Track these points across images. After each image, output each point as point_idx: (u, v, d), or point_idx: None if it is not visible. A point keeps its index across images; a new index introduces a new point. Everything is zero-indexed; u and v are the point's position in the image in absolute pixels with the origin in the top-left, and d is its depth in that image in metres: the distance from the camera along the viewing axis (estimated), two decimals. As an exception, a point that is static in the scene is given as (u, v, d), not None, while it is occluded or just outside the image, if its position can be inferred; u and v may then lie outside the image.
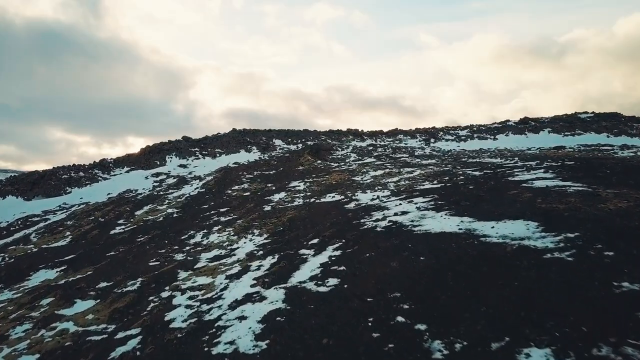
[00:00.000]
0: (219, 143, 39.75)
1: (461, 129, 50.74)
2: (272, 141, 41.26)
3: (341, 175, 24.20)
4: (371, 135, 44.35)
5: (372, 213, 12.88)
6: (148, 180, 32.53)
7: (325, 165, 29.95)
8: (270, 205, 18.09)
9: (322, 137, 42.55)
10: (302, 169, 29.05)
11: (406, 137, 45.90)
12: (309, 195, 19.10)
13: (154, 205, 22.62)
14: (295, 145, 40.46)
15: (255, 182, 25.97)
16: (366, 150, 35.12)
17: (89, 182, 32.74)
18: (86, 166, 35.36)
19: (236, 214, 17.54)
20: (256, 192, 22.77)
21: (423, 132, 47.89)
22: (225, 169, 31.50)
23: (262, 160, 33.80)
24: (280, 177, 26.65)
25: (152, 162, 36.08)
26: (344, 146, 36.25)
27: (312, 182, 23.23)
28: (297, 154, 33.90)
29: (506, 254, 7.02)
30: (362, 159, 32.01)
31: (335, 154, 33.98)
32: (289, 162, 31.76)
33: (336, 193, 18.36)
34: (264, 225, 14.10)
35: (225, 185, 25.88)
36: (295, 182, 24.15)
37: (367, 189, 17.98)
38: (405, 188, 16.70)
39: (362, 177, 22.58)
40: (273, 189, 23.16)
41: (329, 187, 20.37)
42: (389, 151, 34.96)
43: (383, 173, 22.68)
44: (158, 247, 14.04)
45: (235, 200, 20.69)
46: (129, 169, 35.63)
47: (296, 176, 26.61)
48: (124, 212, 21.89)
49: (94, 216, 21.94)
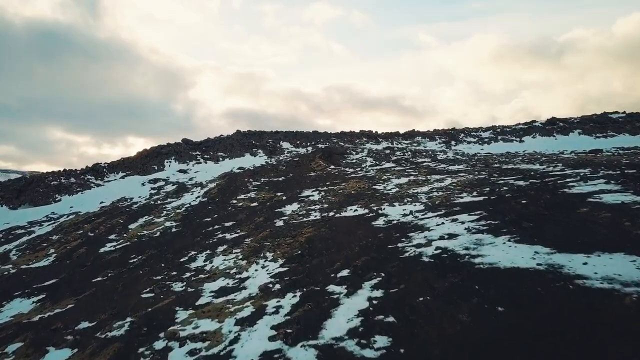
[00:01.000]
0: (222, 146, 38.19)
1: (483, 131, 48.84)
2: (280, 144, 39.65)
3: (359, 183, 22.48)
4: (386, 137, 42.61)
5: (409, 234, 11.14)
6: (145, 187, 31.03)
7: (340, 171, 28.25)
8: (282, 220, 16.41)
9: (333, 139, 40.88)
10: (314, 175, 27.37)
11: (424, 139, 44.11)
12: (326, 207, 17.39)
13: (150, 218, 21.03)
14: (304, 148, 38.82)
15: (263, 190, 24.31)
16: (383, 153, 33.37)
17: (81, 189, 31.29)
18: (78, 171, 33.92)
19: (244, 230, 15.88)
20: (265, 202, 21.10)
21: (442, 133, 46.07)
22: (229, 175, 29.90)
23: (270, 165, 32.17)
24: (290, 185, 24.97)
25: (150, 167, 34.58)
26: (358, 149, 34.54)
27: (328, 191, 21.54)
28: (307, 158, 32.25)
29: (627, 308, 5.27)
30: (379, 163, 30.28)
31: (350, 158, 32.28)
32: (299, 168, 30.11)
33: (358, 205, 16.63)
34: (277, 247, 12.41)
35: (229, 193, 24.25)
36: (308, 191, 22.46)
37: (394, 201, 16.24)
38: (440, 201, 14.93)
39: (384, 185, 20.84)
40: (283, 198, 21.48)
41: (348, 198, 18.65)
42: (409, 155, 33.19)
43: (408, 181, 20.93)
44: (153, 272, 12.40)
45: (241, 213, 19.03)
46: (124, 175, 34.16)
47: (308, 184, 24.93)
48: (117, 225, 20.31)
49: (82, 229, 20.38)
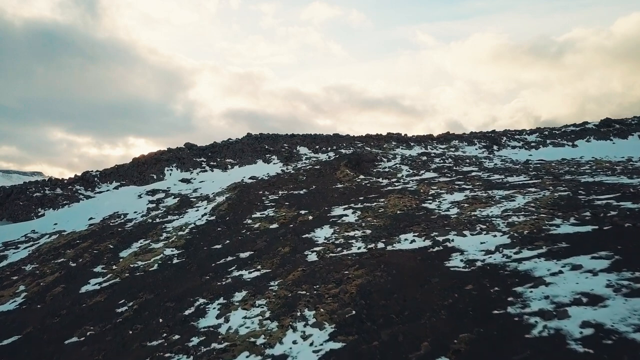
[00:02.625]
0: (231, 151, 35.54)
1: (528, 133, 45.53)
2: (296, 149, 36.91)
3: (402, 199, 19.56)
4: (419, 141, 39.66)
5: (515, 289, 8.22)
6: (142, 199, 28.46)
7: (372, 182, 25.35)
8: (314, 252, 13.55)
9: (357, 143, 38.04)
10: (342, 187, 24.50)
11: (462, 143, 41.03)
12: (369, 234, 14.48)
13: (146, 242, 18.35)
14: (324, 154, 36.03)
15: (282, 206, 21.51)
16: (419, 161, 30.40)
17: (68, 201, 28.83)
18: (65, 181, 31.48)
19: (265, 265, 13.05)
20: (287, 223, 18.27)
21: (481, 137, 42.92)
22: (240, 186, 27.19)
23: (287, 174, 29.40)
24: (315, 200, 22.13)
25: (147, 176, 32.04)
26: (389, 156, 31.63)
27: (364, 209, 18.65)
28: (331, 167, 29.42)
29: None
30: (418, 173, 27.33)
31: (381, 166, 29.39)
32: (323, 178, 27.28)
33: (414, 233, 13.70)
34: (319, 300, 9.54)
35: (242, 210, 21.50)
36: (339, 209, 19.59)
37: (462, 228, 13.29)
38: (530, 230, 11.95)
39: (437, 203, 17.89)
40: (310, 218, 18.64)
41: (395, 221, 15.73)
42: (450, 162, 30.18)
43: (466, 198, 17.95)
44: (147, 333, 9.63)
45: (259, 239, 16.23)
46: (119, 185, 31.66)
47: (337, 198, 22.07)
48: (105, 251, 17.64)
49: (64, 257, 17.76)
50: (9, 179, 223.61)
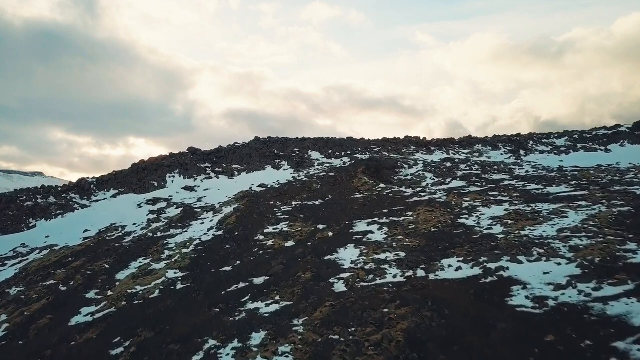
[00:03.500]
0: (238, 157, 34.12)
1: (556, 137, 43.72)
2: (308, 154, 35.45)
3: (433, 213, 18.00)
4: (439, 145, 38.08)
5: (615, 344, 6.69)
6: (141, 209, 27.12)
7: (395, 191, 23.79)
8: (341, 279, 12.03)
9: (373, 147, 36.52)
10: (362, 197, 22.97)
11: (485, 147, 39.35)
12: (404, 258, 12.93)
13: (146, 261, 16.93)
14: (338, 159, 34.54)
15: (297, 219, 20.01)
16: (444, 167, 28.82)
17: (62, 211, 27.52)
18: (59, 189, 30.19)
19: (285, 295, 11.54)
20: (304, 241, 16.78)
21: (506, 141, 41.19)
22: (249, 195, 25.74)
23: (299, 181, 27.92)
24: (333, 212, 20.62)
25: (148, 184, 30.67)
26: (410, 161, 30.07)
27: (391, 224, 17.11)
28: (347, 174, 27.90)
29: None
30: (444, 181, 25.74)
31: (402, 173, 27.83)
32: (339, 186, 25.76)
33: (457, 258, 12.15)
34: (358, 352, 8.01)
35: (252, 224, 20.04)
36: (362, 224, 18.08)
37: (515, 252, 11.71)
38: (602, 257, 10.37)
39: (474, 219, 16.32)
40: (330, 235, 17.13)
41: (431, 241, 14.17)
42: (477, 169, 28.57)
43: (508, 213, 16.35)
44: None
45: (275, 260, 14.74)
46: (117, 193, 30.32)
47: (357, 211, 20.54)
48: (100, 272, 16.23)
49: (53, 278, 16.37)
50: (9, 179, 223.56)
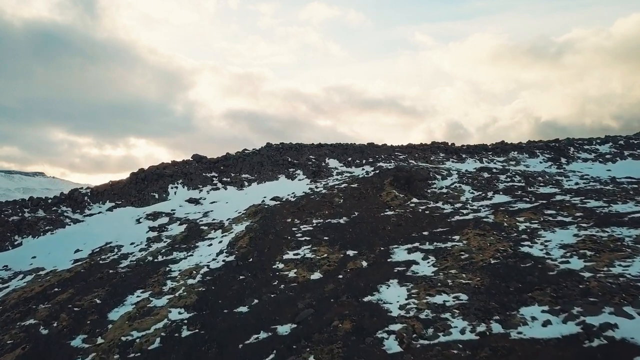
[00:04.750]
0: (247, 165, 32.07)
1: (599, 142, 41.21)
2: (325, 162, 33.36)
3: (486, 237, 15.82)
4: (471, 152, 35.82)
5: None
6: (140, 225, 25.18)
7: (431, 208, 21.58)
8: (392, 334, 9.89)
9: (398, 154, 34.35)
10: (394, 215, 20.80)
11: (521, 154, 37.04)
12: (467, 303, 10.75)
13: (145, 295, 14.91)
14: (359, 167, 32.42)
15: (321, 242, 17.91)
16: (481, 178, 26.58)
17: (51, 227, 25.64)
18: (49, 201, 28.29)
19: (322, 357, 9.39)
20: (334, 273, 14.65)
21: (543, 147, 38.84)
22: (262, 210, 23.67)
23: (317, 194, 25.80)
24: (363, 234, 18.48)
25: (148, 195, 28.72)
26: (442, 171, 27.86)
27: (438, 252, 14.96)
28: (372, 185, 25.75)
29: None
30: (485, 195, 23.50)
31: (435, 185, 25.64)
32: (365, 200, 23.62)
33: (538, 304, 9.96)
34: None
35: (269, 247, 17.96)
36: (401, 250, 15.93)
37: (617, 300, 9.51)
38: None
39: (539, 247, 14.11)
40: (364, 265, 15.00)
41: (496, 278, 11.99)
42: (519, 180, 26.31)
43: (579, 239, 14.14)
44: None
45: (301, 300, 12.63)
46: (113, 206, 28.39)
47: (391, 232, 18.38)
48: (89, 310, 14.20)
49: (35, 316, 14.37)
50: (10, 179, 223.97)
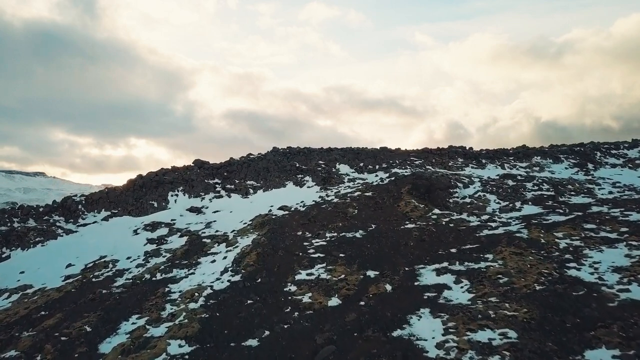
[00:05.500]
0: (253, 171, 30.76)
1: (626, 147, 39.72)
2: (335, 167, 32.03)
3: (523, 256, 14.45)
4: (491, 157, 34.40)
5: None
6: (138, 237, 23.93)
7: (455, 220, 20.17)
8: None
9: (413, 160, 32.98)
10: (415, 228, 19.41)
11: (545, 159, 35.55)
12: (517, 343, 9.38)
13: (141, 321, 13.62)
14: (372, 173, 31.08)
15: (337, 260, 16.58)
16: (506, 186, 25.18)
17: (42, 238, 24.41)
18: (40, 209, 27.05)
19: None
20: (354, 299, 13.30)
21: (568, 152, 37.34)
22: (269, 221, 22.36)
23: (329, 203, 24.46)
24: (383, 250, 17.13)
25: (146, 204, 27.46)
26: (463, 178, 26.48)
27: (470, 274, 13.60)
28: (388, 194, 24.38)
29: None
30: (512, 205, 22.10)
31: (457, 194, 24.24)
32: (382, 211, 22.24)
33: (609, 348, 8.59)
34: None
35: (279, 266, 16.65)
36: (428, 271, 14.57)
37: None
38: None
39: (589, 270, 12.73)
40: (388, 289, 13.65)
41: (543, 307, 10.61)
42: (548, 189, 24.89)
43: (635, 262, 12.70)
44: None
45: (320, 334, 11.30)
46: (109, 215, 27.13)
47: (414, 248, 17.02)
48: (78, 340, 12.90)
49: (16, 347, 13.10)
50: (11, 179, 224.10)
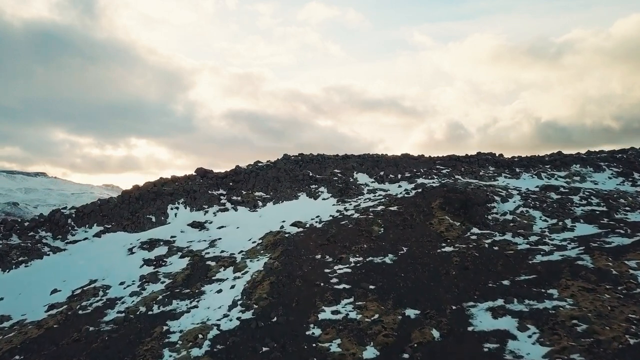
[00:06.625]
0: (261, 181, 28.72)
1: (672, 152, 37.48)
2: (353, 176, 29.99)
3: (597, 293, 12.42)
4: (524, 164, 32.23)
5: None
6: (133, 257, 21.97)
7: (499, 242, 18.04)
8: None
9: (439, 168, 30.86)
10: (455, 252, 17.31)
11: (585, 167, 33.28)
12: None
13: (134, 375, 11.52)
14: (394, 183, 29.00)
15: (366, 294, 14.51)
16: (549, 200, 23.04)
17: (26, 257, 22.49)
18: (25, 224, 25.11)
19: None
20: (392, 346, 11.20)
21: (608, 158, 35.07)
22: (282, 240, 20.34)
23: (349, 218, 22.38)
24: (419, 281, 15.04)
25: (143, 218, 25.47)
26: (500, 191, 24.33)
27: (535, 316, 11.54)
28: (416, 209, 22.27)
29: None
30: (562, 224, 19.94)
31: (495, 209, 22.07)
32: (411, 230, 20.13)
33: None
34: None
35: (297, 300, 14.60)
36: (482, 311, 12.50)
37: None
38: None
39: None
40: (436, 335, 11.57)
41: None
42: (598, 203, 22.76)
43: None
44: None
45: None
46: (101, 230, 25.16)
47: (457, 279, 14.93)
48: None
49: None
50: (12, 179, 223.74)
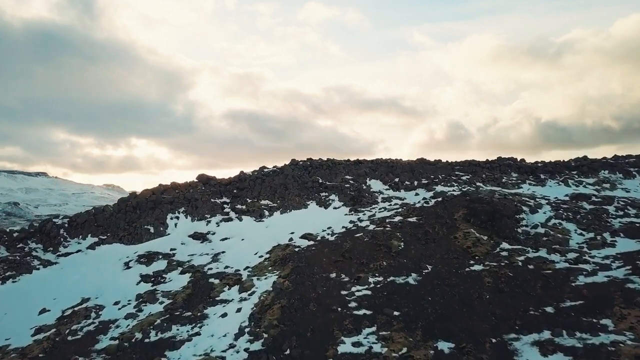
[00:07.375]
0: (267, 188, 27.41)
1: None
2: (366, 183, 28.66)
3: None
4: (549, 171, 30.81)
5: None
6: (130, 272, 20.73)
7: (534, 260, 16.66)
8: None
9: (458, 173, 29.43)
10: (485, 272, 15.95)
11: (613, 174, 31.79)
12: None
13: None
14: (410, 190, 27.63)
15: (390, 322, 13.13)
16: (585, 211, 21.64)
17: (14, 272, 21.28)
18: (14, 235, 23.86)
19: None
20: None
21: (637, 164, 33.51)
22: (292, 255, 19.01)
23: (364, 230, 21.02)
24: (449, 306, 13.67)
25: (140, 229, 24.17)
26: (527, 200, 22.93)
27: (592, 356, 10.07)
28: (438, 220, 20.90)
29: None
30: (602, 239, 18.53)
31: (525, 221, 20.65)
32: (435, 245, 18.76)
33: None
34: None
35: (312, 329, 13.25)
36: (526, 346, 11.25)
37: None
38: None
39: None
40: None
41: None
42: (636, 214, 21.27)
43: None
44: None
45: None
46: (96, 242, 23.90)
47: (491, 304, 13.55)
48: None
49: None
50: (13, 179, 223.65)
